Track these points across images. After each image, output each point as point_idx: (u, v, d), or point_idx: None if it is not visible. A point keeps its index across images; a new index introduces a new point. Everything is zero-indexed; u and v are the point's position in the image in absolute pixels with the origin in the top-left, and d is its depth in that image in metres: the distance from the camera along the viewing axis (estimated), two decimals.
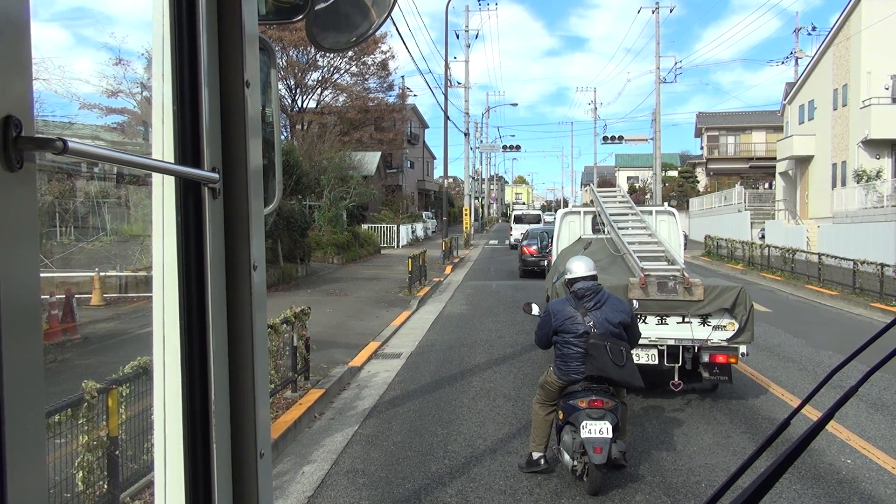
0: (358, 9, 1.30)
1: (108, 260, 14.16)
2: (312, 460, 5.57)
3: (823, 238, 24.46)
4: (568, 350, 4.90)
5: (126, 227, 15.58)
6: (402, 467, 5.39)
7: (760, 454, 0.88)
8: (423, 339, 10.77)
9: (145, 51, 12.51)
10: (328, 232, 24.30)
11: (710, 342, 6.79)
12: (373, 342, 10.28)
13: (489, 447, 5.81)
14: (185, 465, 0.96)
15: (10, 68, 0.57)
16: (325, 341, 9.59)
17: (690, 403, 7.12)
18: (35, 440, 0.60)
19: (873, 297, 15.22)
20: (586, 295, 5.03)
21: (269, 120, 1.15)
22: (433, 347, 10.09)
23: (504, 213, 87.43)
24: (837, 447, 5.87)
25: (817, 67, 30.07)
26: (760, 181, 45.10)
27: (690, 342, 6.81)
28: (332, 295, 15.53)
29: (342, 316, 12.58)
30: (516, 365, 8.84)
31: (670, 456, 5.61)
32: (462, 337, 10.90)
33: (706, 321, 6.82)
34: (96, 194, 15.58)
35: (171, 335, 0.97)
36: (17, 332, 0.58)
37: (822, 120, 29.52)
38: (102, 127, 17.62)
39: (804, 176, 31.58)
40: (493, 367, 8.73)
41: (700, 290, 6.74)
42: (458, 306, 14.47)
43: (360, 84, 39.28)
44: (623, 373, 4.73)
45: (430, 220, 45.43)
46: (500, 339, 10.60)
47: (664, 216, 9.92)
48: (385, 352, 9.87)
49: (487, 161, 76.21)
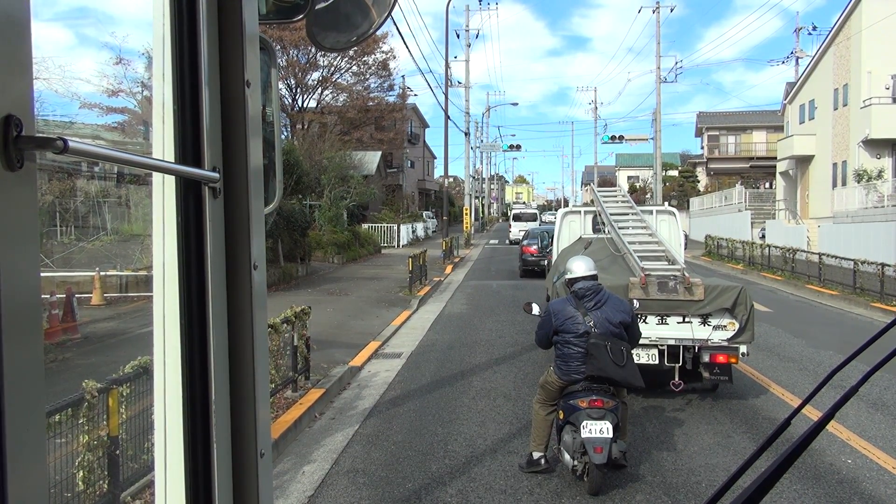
0: (358, 8, 1.30)
1: (108, 259, 14.16)
2: (313, 460, 5.57)
3: (824, 238, 24.46)
4: (568, 350, 4.90)
5: (126, 227, 15.58)
6: (403, 467, 5.39)
7: (761, 454, 0.88)
8: (423, 338, 10.78)
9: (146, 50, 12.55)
10: (328, 231, 24.31)
11: (711, 342, 6.78)
12: (373, 342, 10.28)
13: (489, 447, 5.81)
14: (186, 464, 0.96)
15: (11, 68, 0.57)
16: (326, 341, 9.60)
17: (691, 403, 7.12)
18: (35, 439, 0.60)
19: (874, 297, 15.21)
20: (587, 295, 5.03)
21: (270, 119, 1.15)
22: (433, 347, 10.09)
23: (504, 213, 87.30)
24: (838, 447, 5.86)
25: (818, 67, 30.06)
26: (761, 181, 45.11)
27: (691, 342, 6.81)
28: (332, 294, 15.53)
29: (343, 315, 12.58)
30: (517, 365, 8.84)
31: (671, 456, 5.61)
32: (462, 337, 10.90)
33: (706, 321, 6.82)
34: (96, 194, 15.59)
35: (171, 334, 0.97)
36: (18, 332, 0.57)
37: (822, 120, 29.51)
38: (103, 126, 17.61)
39: (805, 176, 31.58)
40: (493, 367, 8.74)
41: (700, 289, 6.73)
42: (459, 306, 14.47)
43: (360, 84, 39.26)
44: (624, 373, 4.73)
45: (430, 220, 45.41)
46: (501, 339, 10.60)
47: (664, 216, 9.94)
48: (385, 351, 9.88)
49: (488, 161, 76.24)
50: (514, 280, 19.34)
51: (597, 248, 8.37)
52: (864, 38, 25.35)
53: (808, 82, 31.22)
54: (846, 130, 27.03)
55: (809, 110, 30.97)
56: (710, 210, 40.52)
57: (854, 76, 26.39)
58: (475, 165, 59.61)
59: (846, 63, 27.16)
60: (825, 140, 29.01)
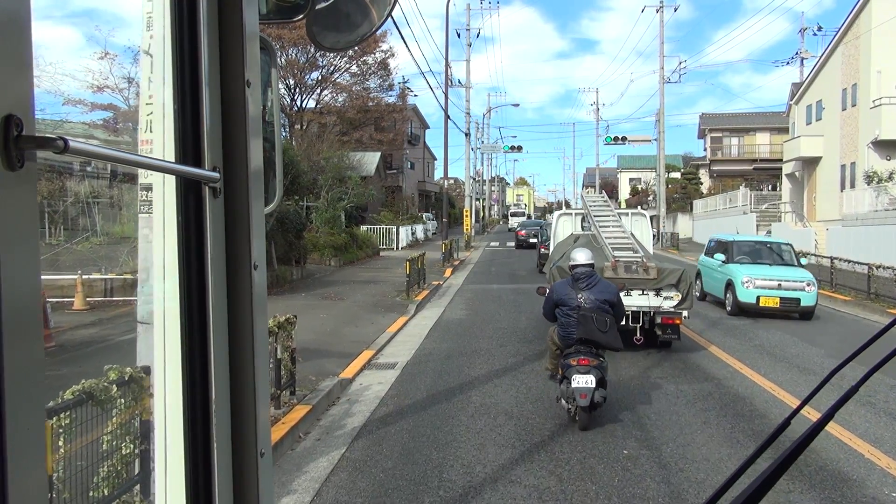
0: (359, 8, 1.31)
1: (93, 262, 13.63)
2: (293, 490, 4.99)
3: (832, 241, 23.88)
4: (565, 319, 6.42)
5: (118, 229, 15.14)
6: (393, 499, 4.81)
7: (760, 454, 0.91)
8: (419, 347, 10.20)
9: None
10: (325, 233, 23.72)
11: (662, 309, 9.11)
12: (366, 351, 9.71)
13: (489, 475, 5.23)
14: (186, 464, 0.97)
15: (11, 67, 0.57)
16: (317, 350, 9.03)
17: (709, 424, 6.56)
18: (35, 440, 0.60)
19: (889, 303, 14.65)
20: (581, 278, 6.51)
21: (270, 119, 1.15)
22: (430, 357, 9.51)
23: (505, 215, 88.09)
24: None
25: (825, 67, 29.45)
26: (765, 183, 44.53)
27: (648, 308, 9.13)
28: (327, 299, 14.96)
29: (336, 322, 12.01)
30: (519, 377, 8.27)
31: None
32: (461, 345, 10.33)
33: (659, 293, 9.10)
34: (86, 195, 15.21)
35: (171, 334, 0.99)
36: (18, 332, 0.58)
37: (830, 120, 28.90)
38: (103, 126, 17.23)
39: (811, 177, 30.95)
40: (493, 380, 8.16)
41: (655, 271, 9.11)
42: (458, 311, 13.89)
43: (360, 83, 38.79)
44: (606, 337, 6.11)
45: (430, 222, 44.96)
46: (502, 349, 10.03)
47: (638, 217, 12.89)
48: (379, 361, 9.30)
49: (489, 162, 75.82)
50: (514, 284, 18.74)
51: (583, 241, 10.56)
52: (874, 36, 24.76)
53: (816, 82, 30.61)
54: (855, 131, 26.43)
55: (817, 111, 30.34)
56: (714, 212, 39.92)
57: (863, 76, 25.79)
58: (476, 167, 59.11)
59: (855, 62, 26.56)
60: (833, 141, 28.39)
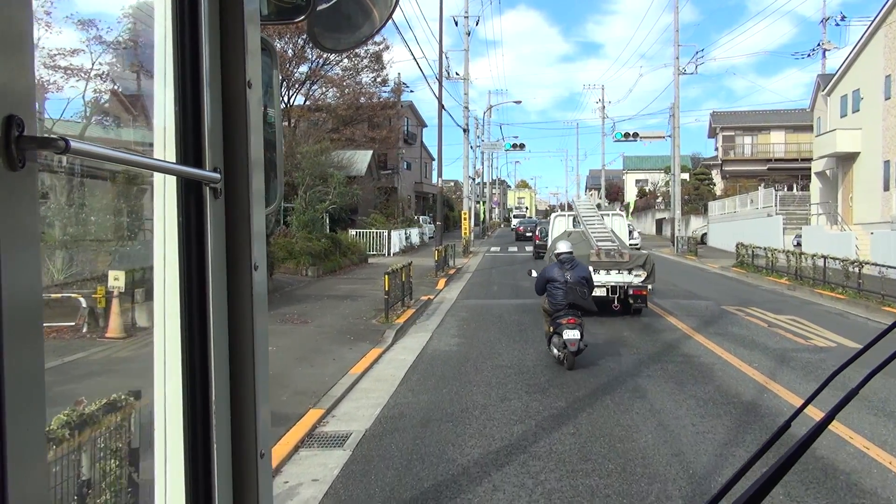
0: (360, 9, 1.30)
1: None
2: None
3: (878, 246, 20.96)
4: (554, 291, 8.76)
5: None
6: None
7: (762, 455, 0.92)
8: (388, 401, 7.32)
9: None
10: (302, 238, 20.86)
11: (632, 284, 12.69)
12: (313, 410, 6.84)
13: None
14: (186, 464, 0.97)
15: (13, 68, 0.57)
16: None
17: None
18: (36, 440, 0.60)
19: None
20: (566, 261, 9.00)
21: (271, 120, 1.14)
22: (401, 422, 6.63)
23: (506, 218, 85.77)
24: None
25: (864, 52, 26.51)
26: (780, 183, 41.59)
27: (623, 283, 12.71)
28: (287, 322, 12.08)
29: (288, 357, 9.14)
30: (529, 462, 5.38)
31: None
32: (447, 398, 7.45)
33: (631, 272, 12.70)
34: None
35: (171, 335, 0.98)
36: (19, 332, 0.58)
37: (869, 112, 25.95)
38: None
39: (847, 176, 27.98)
40: (492, 470, 5.27)
41: (627, 256, 12.72)
42: (447, 340, 11.00)
43: (351, 77, 36.06)
44: (586, 302, 8.77)
45: (427, 225, 42.19)
46: (504, 403, 7.16)
47: (617, 217, 16.78)
48: (326, 430, 6.42)
49: (489, 163, 73.02)
50: (518, 298, 15.83)
51: (575, 236, 13.76)
52: None
53: (852, 70, 27.64)
54: None
55: (853, 101, 27.37)
56: (733, 215, 37.03)
57: None
58: (475, 166, 56.24)
59: None
60: (873, 134, 25.45)
